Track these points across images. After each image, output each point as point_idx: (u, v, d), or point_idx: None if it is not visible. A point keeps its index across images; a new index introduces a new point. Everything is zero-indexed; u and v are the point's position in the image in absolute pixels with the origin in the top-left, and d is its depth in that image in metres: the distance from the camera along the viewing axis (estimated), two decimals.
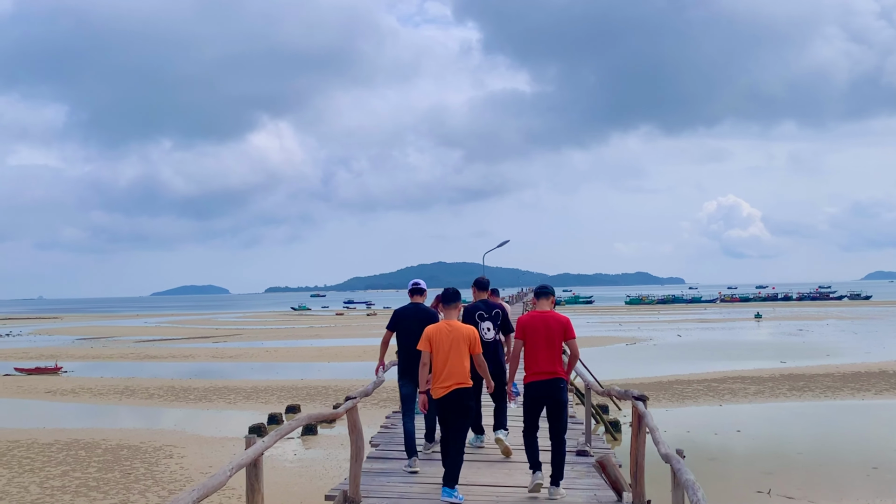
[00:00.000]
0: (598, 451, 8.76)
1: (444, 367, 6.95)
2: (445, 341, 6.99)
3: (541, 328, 7.04)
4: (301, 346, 47.89)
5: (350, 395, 7.82)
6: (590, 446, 9.24)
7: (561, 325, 7.09)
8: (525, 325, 7.14)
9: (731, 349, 39.39)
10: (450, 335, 7.02)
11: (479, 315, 8.69)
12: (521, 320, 7.23)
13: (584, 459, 8.62)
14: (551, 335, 7.02)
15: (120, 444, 17.45)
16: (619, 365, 32.15)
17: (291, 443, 17.58)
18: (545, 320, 7.09)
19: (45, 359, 40.17)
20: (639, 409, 7.03)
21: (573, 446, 8.75)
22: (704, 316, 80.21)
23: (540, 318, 7.11)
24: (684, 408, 21.37)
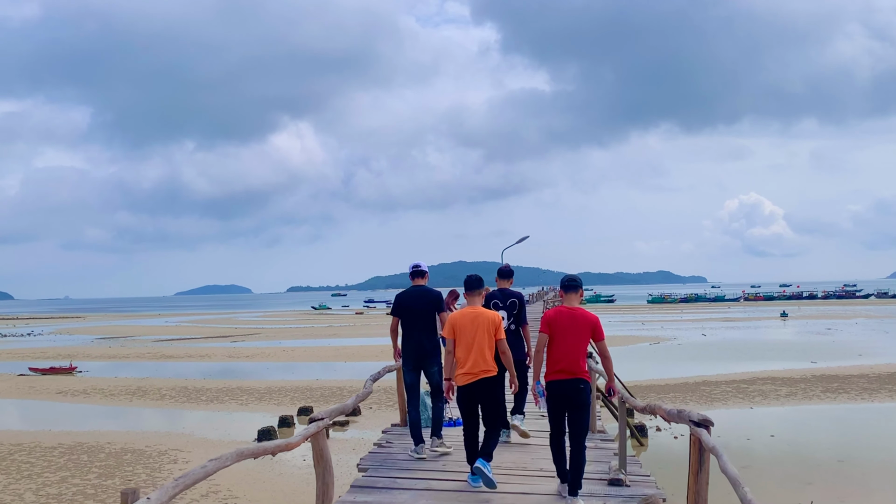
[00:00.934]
0: (635, 480, 7.12)
1: (468, 354, 6.80)
2: (469, 328, 6.82)
3: (567, 325, 6.37)
4: (319, 345, 47.28)
5: (315, 415, 6.34)
6: (624, 473, 7.24)
7: (589, 325, 6.40)
8: (551, 319, 6.47)
9: (759, 349, 38.22)
10: (474, 322, 6.85)
11: (493, 303, 8.44)
12: (548, 314, 6.58)
13: (617, 491, 6.87)
14: (578, 333, 6.36)
15: (125, 447, 16.83)
16: (643, 365, 31.17)
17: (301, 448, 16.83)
18: (573, 317, 6.40)
19: (63, 358, 39.90)
20: (702, 440, 5.32)
21: (604, 472, 7.39)
22: (729, 315, 78.73)
23: (567, 315, 6.42)
24: (713, 410, 20.39)
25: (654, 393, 23.31)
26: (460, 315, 6.97)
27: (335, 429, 18.72)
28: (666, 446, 16.34)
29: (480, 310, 7.02)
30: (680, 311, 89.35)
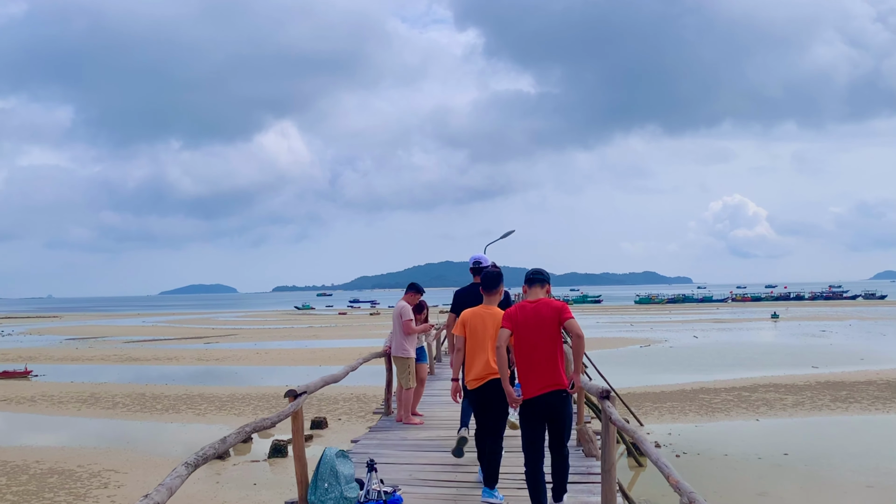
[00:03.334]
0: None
1: (477, 355, 6.41)
2: (481, 327, 6.41)
3: (532, 319, 5.68)
4: (295, 347, 45.19)
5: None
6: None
7: (555, 311, 5.70)
8: (514, 316, 5.78)
9: (755, 352, 36.49)
10: (484, 322, 6.42)
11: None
12: (510, 311, 5.89)
13: None
14: (545, 325, 5.66)
15: (53, 467, 14.78)
16: (635, 370, 29.36)
17: (257, 466, 14.89)
18: (537, 309, 5.73)
19: (24, 361, 37.63)
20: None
21: None
22: (718, 316, 77.27)
23: (531, 308, 5.75)
24: (716, 423, 18.57)
25: (649, 402, 21.48)
26: (473, 313, 6.52)
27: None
28: None
29: (495, 310, 6.49)
30: (668, 312, 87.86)
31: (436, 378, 15.44)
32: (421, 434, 9.49)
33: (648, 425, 18.21)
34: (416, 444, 8.90)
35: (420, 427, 9.91)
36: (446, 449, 8.32)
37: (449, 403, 11.01)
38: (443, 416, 10.65)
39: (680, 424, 18.31)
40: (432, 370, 16.23)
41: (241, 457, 15.88)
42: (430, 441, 9.08)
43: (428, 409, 11.25)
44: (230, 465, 14.93)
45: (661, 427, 17.96)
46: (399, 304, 10.35)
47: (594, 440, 6.32)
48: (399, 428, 9.85)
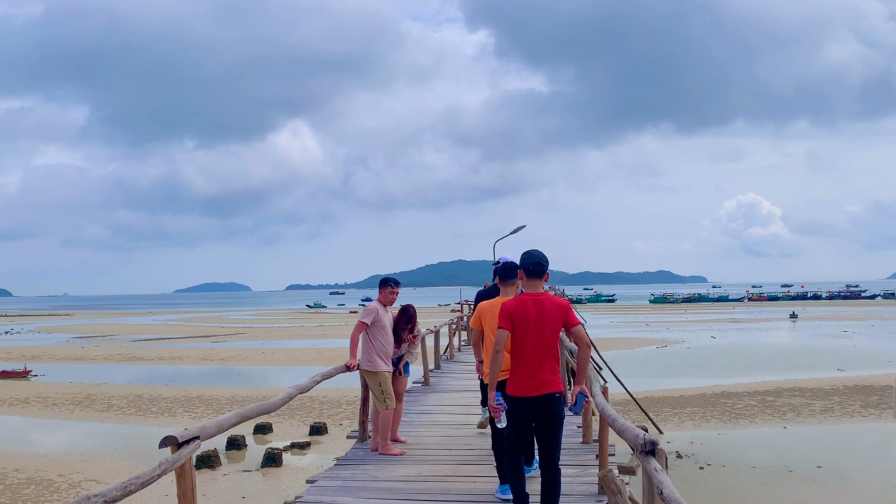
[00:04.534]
0: None
1: None
2: None
3: (532, 315, 5.10)
4: (303, 347, 44.28)
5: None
6: None
7: (560, 311, 5.14)
8: (512, 311, 5.17)
9: (775, 354, 35.22)
10: None
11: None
12: (507, 305, 5.25)
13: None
14: (546, 325, 5.10)
15: (32, 477, 13.87)
16: (652, 372, 28.22)
17: (248, 476, 13.90)
18: (539, 304, 5.14)
19: (27, 360, 36.93)
20: None
21: None
22: (735, 316, 75.76)
23: (532, 303, 5.15)
24: (741, 430, 17.43)
25: (668, 407, 20.36)
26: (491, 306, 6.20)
27: (292, 451, 15.76)
28: (691, 479, 13.24)
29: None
30: (684, 312, 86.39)
31: (430, 390, 13.19)
32: (398, 471, 7.21)
33: (668, 433, 17.09)
34: (389, 489, 6.64)
35: (399, 460, 7.73)
36: (431, 496, 6.44)
37: (440, 425, 9.72)
38: (430, 443, 8.59)
39: (702, 432, 17.19)
40: (427, 380, 13.96)
41: (234, 465, 14.93)
42: (408, 482, 6.85)
43: (413, 432, 9.18)
44: (220, 476, 13.97)
45: (682, 435, 16.84)
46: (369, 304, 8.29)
47: (623, 491, 4.67)
48: (373, 460, 7.71)
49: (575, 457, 7.56)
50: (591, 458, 7.49)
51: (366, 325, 7.96)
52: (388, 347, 8.11)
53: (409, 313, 8.78)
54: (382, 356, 8.04)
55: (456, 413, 10.71)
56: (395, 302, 8.39)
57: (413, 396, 12.15)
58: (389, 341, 8.16)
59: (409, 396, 11.51)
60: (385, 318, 8.14)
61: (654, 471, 3.73)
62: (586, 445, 8.10)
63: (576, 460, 7.43)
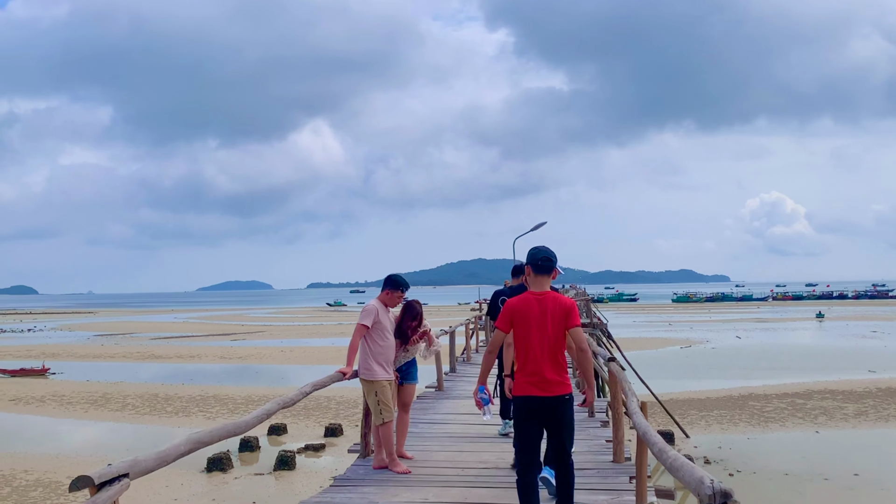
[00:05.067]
0: None
1: None
2: None
3: (535, 314, 4.92)
4: (321, 345, 44.00)
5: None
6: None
7: (563, 310, 4.94)
8: (514, 310, 5.02)
9: (803, 354, 34.37)
10: None
11: (502, 300, 7.81)
12: (510, 304, 5.09)
13: None
14: (551, 324, 4.91)
15: (41, 478, 13.55)
16: (676, 373, 27.56)
17: (260, 480, 13.51)
18: (542, 303, 4.96)
19: (47, 358, 36.98)
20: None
21: None
22: (760, 315, 74.59)
23: (535, 301, 4.98)
24: (770, 434, 16.78)
25: (693, 409, 19.73)
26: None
27: (306, 454, 15.34)
28: None
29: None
30: (707, 311, 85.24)
31: (444, 396, 12.17)
32: (401, 495, 6.16)
33: (695, 436, 16.48)
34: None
35: (403, 480, 6.68)
36: None
37: (452, 438, 8.56)
38: (440, 460, 7.49)
39: (730, 436, 16.56)
40: (441, 385, 12.87)
41: (246, 467, 14.54)
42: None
43: (421, 446, 8.07)
44: (231, 479, 13.58)
45: (710, 439, 16.23)
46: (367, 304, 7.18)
47: None
48: (373, 481, 6.65)
49: (605, 479, 6.52)
50: (623, 480, 6.43)
51: (366, 328, 6.91)
52: (388, 352, 7.06)
53: (416, 310, 7.48)
54: (382, 363, 6.99)
55: (471, 423, 9.45)
56: (399, 304, 7.35)
57: (424, 403, 11.24)
58: (390, 345, 7.08)
59: (419, 403, 10.85)
60: (385, 320, 7.08)
61: None
62: (618, 465, 7.03)
63: (606, 483, 6.39)
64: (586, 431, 8.58)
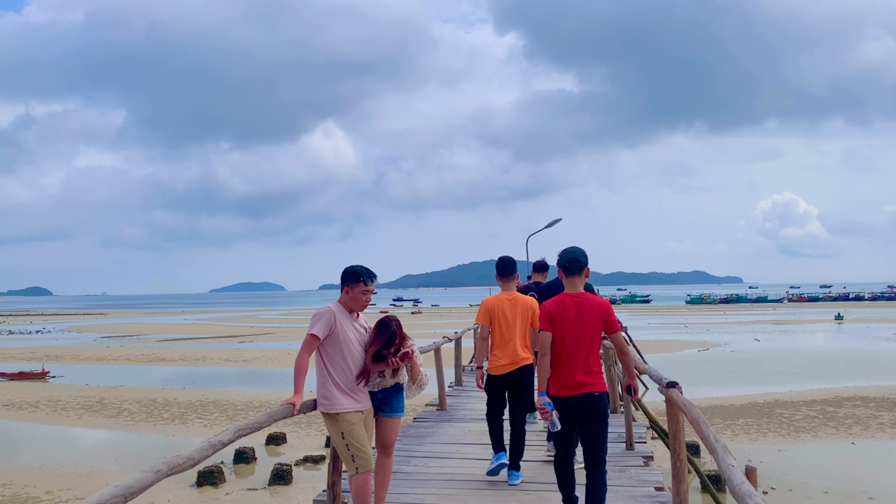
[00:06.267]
0: None
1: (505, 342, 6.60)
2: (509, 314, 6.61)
3: (572, 317, 4.86)
4: None
5: None
6: None
7: (601, 312, 4.90)
8: (553, 312, 4.92)
9: (826, 358, 33.11)
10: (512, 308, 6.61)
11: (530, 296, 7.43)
12: (548, 306, 4.97)
13: None
14: (587, 326, 4.87)
15: (19, 493, 12.59)
16: (695, 378, 26.40)
17: (254, 496, 12.51)
18: (579, 305, 4.89)
19: (51, 360, 36.29)
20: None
21: None
22: (776, 317, 73.15)
23: (572, 303, 4.90)
24: (803, 445, 15.64)
25: (718, 417, 18.62)
26: (497, 300, 6.63)
27: (305, 466, 14.33)
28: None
29: (517, 295, 6.68)
30: (723, 313, 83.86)
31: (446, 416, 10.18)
32: None
33: None
34: None
35: None
36: None
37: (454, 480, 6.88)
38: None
39: (760, 448, 15.43)
40: (442, 403, 10.84)
41: (240, 481, 13.54)
42: None
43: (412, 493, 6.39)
44: (223, 494, 12.58)
45: (739, 451, 15.07)
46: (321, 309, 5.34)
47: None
48: None
49: None
50: None
51: (317, 339, 5.09)
52: (353, 371, 5.16)
53: (391, 330, 5.27)
54: (346, 389, 5.14)
55: (478, 456, 7.64)
56: (368, 305, 5.40)
57: (419, 428, 9.31)
58: (356, 363, 5.17)
59: (414, 428, 9.37)
60: (349, 330, 5.19)
61: None
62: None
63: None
64: (625, 471, 6.99)
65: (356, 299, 5.28)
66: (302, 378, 5.14)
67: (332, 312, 5.17)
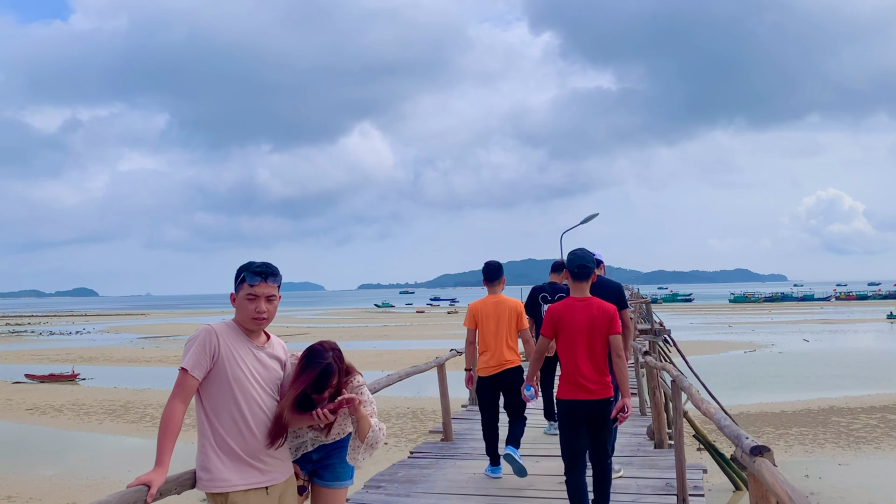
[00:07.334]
0: None
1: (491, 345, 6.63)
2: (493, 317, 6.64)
3: (580, 321, 4.90)
4: (362, 348, 42.40)
5: None
6: None
7: (606, 317, 4.91)
8: (557, 317, 4.99)
9: (881, 360, 31.35)
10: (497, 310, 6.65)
11: (542, 297, 8.13)
12: (554, 309, 5.05)
13: None
14: (594, 331, 4.89)
15: None
16: (742, 382, 25.06)
17: None
18: (588, 309, 4.93)
19: (85, 362, 36.21)
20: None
21: None
22: (824, 316, 70.69)
23: (580, 308, 4.95)
24: (865, 458, 14.34)
25: (769, 426, 17.36)
26: (482, 304, 6.73)
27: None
28: None
29: (502, 298, 6.73)
30: (768, 312, 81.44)
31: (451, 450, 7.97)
32: None
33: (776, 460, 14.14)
34: None
35: None
36: None
37: None
38: None
39: (817, 460, 14.19)
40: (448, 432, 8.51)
41: None
42: None
43: None
44: None
45: (794, 464, 13.87)
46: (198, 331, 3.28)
47: None
48: None
49: None
50: None
51: (189, 378, 3.16)
52: (253, 428, 3.22)
53: (323, 364, 3.32)
54: (242, 454, 3.21)
55: None
56: (264, 320, 3.32)
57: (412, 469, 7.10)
58: (259, 414, 3.25)
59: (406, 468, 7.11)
60: (245, 363, 3.28)
61: None
62: None
63: None
64: None
65: (243, 309, 3.27)
66: (170, 439, 3.09)
67: (212, 334, 3.21)
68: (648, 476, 6.54)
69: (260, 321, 3.30)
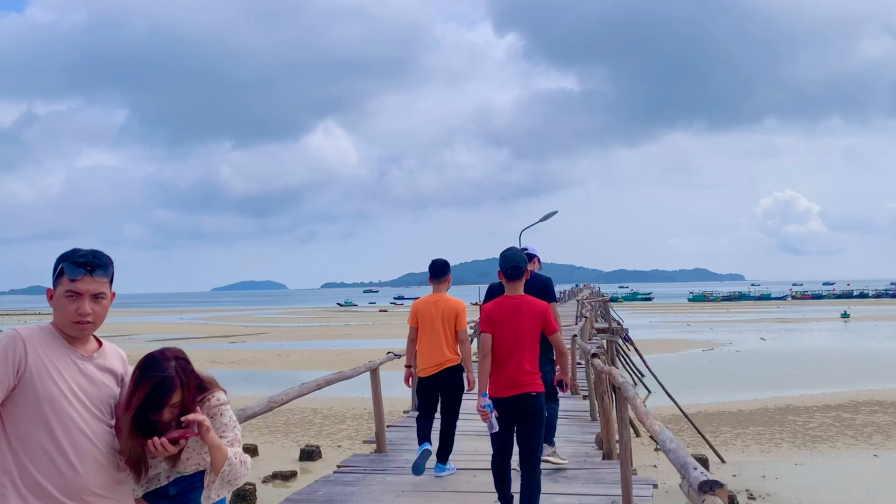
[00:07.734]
0: None
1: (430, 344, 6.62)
2: (433, 316, 6.63)
3: (510, 318, 5.02)
4: (322, 348, 41.82)
5: None
6: None
7: (539, 314, 5.04)
8: (492, 315, 5.09)
9: (836, 359, 31.77)
10: (436, 309, 6.62)
11: None
12: (486, 309, 5.16)
13: None
14: (525, 328, 5.01)
15: None
16: (701, 381, 25.13)
17: None
18: (517, 308, 5.05)
19: None
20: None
21: None
22: (780, 315, 71.83)
23: (510, 307, 5.07)
24: (821, 458, 14.33)
25: (726, 425, 17.34)
26: (423, 303, 6.71)
27: (274, 483, 13.08)
28: None
29: (444, 297, 6.73)
30: (726, 311, 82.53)
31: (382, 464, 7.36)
32: None
33: (732, 461, 14.06)
34: None
35: None
36: None
37: None
38: None
39: (773, 460, 14.15)
40: (381, 445, 7.97)
41: None
42: None
43: None
44: None
45: (750, 464, 13.81)
46: None
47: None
48: None
49: None
50: None
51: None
52: (73, 461, 2.50)
53: (161, 376, 2.63)
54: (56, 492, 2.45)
55: None
56: (87, 324, 2.63)
57: (336, 486, 6.40)
58: (79, 441, 2.52)
59: (329, 485, 6.47)
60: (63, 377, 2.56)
61: None
62: None
63: None
64: None
65: (62, 310, 2.63)
66: None
67: (17, 341, 2.54)
68: (593, 493, 6.08)
69: (83, 326, 2.61)
